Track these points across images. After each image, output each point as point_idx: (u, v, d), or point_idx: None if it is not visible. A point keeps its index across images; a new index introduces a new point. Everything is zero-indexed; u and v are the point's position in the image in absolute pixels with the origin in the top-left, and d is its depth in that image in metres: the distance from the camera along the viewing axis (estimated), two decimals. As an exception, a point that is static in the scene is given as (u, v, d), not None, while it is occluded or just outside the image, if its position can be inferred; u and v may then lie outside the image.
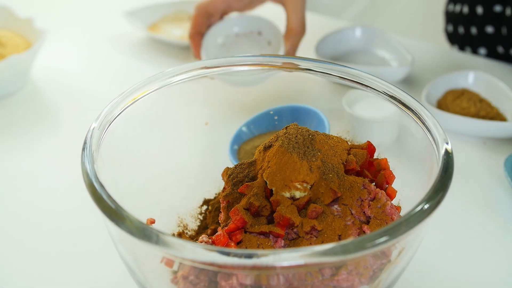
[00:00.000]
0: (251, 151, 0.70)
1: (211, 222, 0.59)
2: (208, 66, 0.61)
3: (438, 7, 1.21)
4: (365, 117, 0.69)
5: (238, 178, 0.53)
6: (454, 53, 1.06)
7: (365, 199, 0.49)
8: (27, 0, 1.23)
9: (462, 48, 1.13)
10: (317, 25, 1.14)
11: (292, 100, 0.72)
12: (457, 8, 1.11)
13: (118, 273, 0.58)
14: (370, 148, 0.54)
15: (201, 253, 0.39)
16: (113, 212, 0.42)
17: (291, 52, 0.80)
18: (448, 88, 0.88)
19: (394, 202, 0.54)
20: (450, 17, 1.15)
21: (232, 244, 0.47)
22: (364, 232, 0.47)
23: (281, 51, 0.78)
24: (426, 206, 0.42)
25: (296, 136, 0.52)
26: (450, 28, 1.15)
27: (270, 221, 0.48)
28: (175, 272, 0.46)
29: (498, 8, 1.01)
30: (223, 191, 0.54)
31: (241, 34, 0.87)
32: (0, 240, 0.65)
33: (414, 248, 0.47)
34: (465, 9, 1.08)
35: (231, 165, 0.60)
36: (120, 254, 0.48)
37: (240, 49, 0.86)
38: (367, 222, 0.48)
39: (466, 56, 1.04)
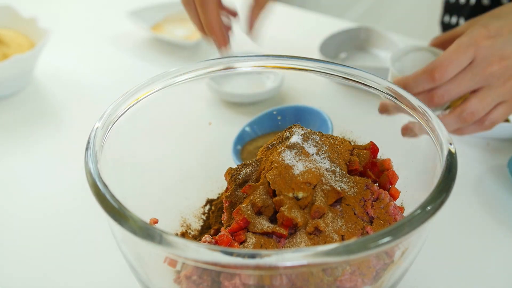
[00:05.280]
0: (254, 151, 0.70)
1: (214, 222, 0.59)
2: (211, 66, 0.61)
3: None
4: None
5: (241, 179, 0.53)
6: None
7: (368, 200, 0.49)
8: (31, 0, 1.24)
9: None
10: (320, 25, 1.14)
11: (296, 101, 0.72)
12: (453, 20, 1.10)
13: (121, 273, 0.58)
14: (373, 148, 0.54)
15: (204, 253, 0.39)
16: (116, 211, 0.42)
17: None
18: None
19: (398, 202, 0.54)
20: (446, 29, 1.14)
21: (235, 244, 0.47)
22: (367, 232, 0.47)
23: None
24: (429, 207, 0.42)
25: (299, 137, 0.52)
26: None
27: (273, 221, 0.48)
28: (178, 272, 0.46)
29: None
30: (226, 191, 0.54)
31: None
32: (3, 240, 0.65)
33: (417, 249, 0.47)
34: (462, 22, 1.07)
35: (234, 165, 0.60)
36: (123, 254, 0.48)
37: None
38: (370, 223, 0.48)
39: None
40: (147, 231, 0.40)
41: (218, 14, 0.70)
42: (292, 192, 0.47)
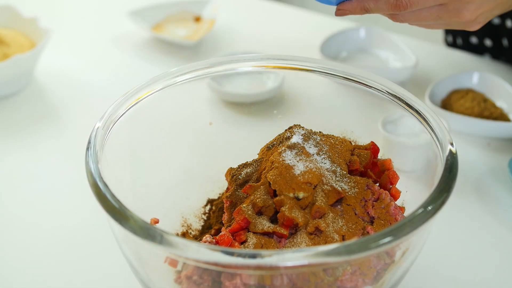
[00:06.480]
0: None
1: (214, 222, 0.59)
2: (212, 66, 0.61)
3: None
4: (403, 142, 0.66)
5: (242, 179, 0.53)
6: (458, 53, 1.06)
7: (369, 200, 0.49)
8: (31, 0, 1.24)
9: None
10: (321, 25, 1.14)
11: (296, 100, 0.72)
12: None
13: (122, 273, 0.58)
14: (374, 148, 0.54)
15: (205, 253, 0.39)
16: (117, 211, 0.42)
17: None
18: (453, 88, 0.88)
19: (398, 202, 0.54)
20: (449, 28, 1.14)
21: (236, 244, 0.47)
22: (368, 232, 0.47)
23: None
24: (430, 207, 0.42)
25: (300, 137, 0.52)
26: (450, 39, 1.14)
27: (274, 221, 0.48)
28: (178, 272, 0.46)
29: (496, 21, 1.00)
30: (226, 191, 0.54)
31: None
32: (4, 240, 0.65)
33: (418, 249, 0.47)
34: None
35: (234, 164, 0.60)
36: (124, 254, 0.48)
37: None
38: (371, 223, 0.48)
39: (470, 57, 1.03)
40: (147, 231, 0.40)
41: None
42: (292, 192, 0.47)
